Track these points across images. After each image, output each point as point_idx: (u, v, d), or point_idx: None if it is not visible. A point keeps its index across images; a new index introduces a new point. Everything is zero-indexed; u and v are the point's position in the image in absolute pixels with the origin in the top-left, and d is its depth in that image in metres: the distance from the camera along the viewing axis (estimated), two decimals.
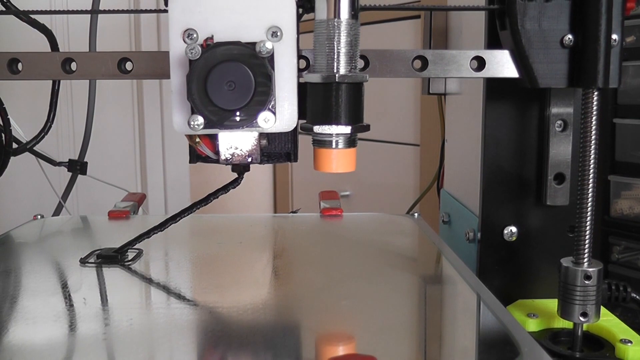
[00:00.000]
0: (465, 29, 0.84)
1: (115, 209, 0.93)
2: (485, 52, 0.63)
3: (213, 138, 0.58)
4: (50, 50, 0.73)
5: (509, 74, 0.63)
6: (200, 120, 0.53)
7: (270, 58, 0.54)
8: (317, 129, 0.54)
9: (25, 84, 1.61)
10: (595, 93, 0.59)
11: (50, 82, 0.76)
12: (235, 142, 0.58)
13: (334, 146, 0.55)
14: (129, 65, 0.64)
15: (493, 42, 0.67)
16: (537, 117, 0.71)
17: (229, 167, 0.62)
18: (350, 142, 0.55)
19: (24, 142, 0.80)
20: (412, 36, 1.69)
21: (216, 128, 0.54)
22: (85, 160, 0.99)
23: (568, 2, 0.60)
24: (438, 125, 1.06)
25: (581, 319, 0.61)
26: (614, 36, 0.58)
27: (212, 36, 0.54)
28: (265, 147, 0.60)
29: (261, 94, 0.52)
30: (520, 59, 0.62)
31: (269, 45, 0.53)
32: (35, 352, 0.49)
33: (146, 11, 0.65)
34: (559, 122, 0.70)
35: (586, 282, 0.60)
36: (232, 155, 0.58)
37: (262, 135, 0.59)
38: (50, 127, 0.79)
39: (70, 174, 1.00)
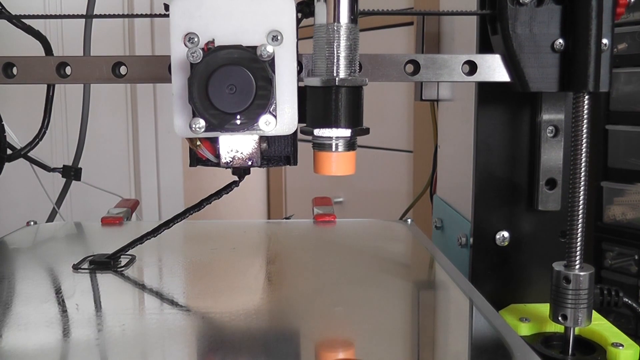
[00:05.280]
0: (457, 34, 0.85)
1: (108, 215, 0.93)
2: (477, 56, 0.64)
3: (214, 141, 0.59)
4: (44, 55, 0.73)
5: (501, 78, 0.64)
6: (201, 123, 0.53)
7: (271, 62, 0.54)
8: (317, 132, 0.55)
9: (19, 90, 1.61)
10: (586, 97, 0.59)
11: (44, 88, 0.77)
12: (236, 145, 0.58)
13: (333, 149, 0.55)
14: (123, 70, 0.64)
15: (485, 47, 0.68)
16: (528, 123, 0.71)
17: (224, 172, 0.63)
18: (350, 145, 0.56)
19: (18, 148, 0.80)
20: (405, 43, 1.70)
21: (217, 131, 0.54)
22: (79, 166, 1.00)
23: (559, 7, 0.61)
24: (431, 131, 1.06)
25: (560, 320, 0.61)
26: (604, 41, 0.59)
27: (213, 40, 0.54)
28: (265, 151, 0.60)
29: (262, 98, 0.53)
30: (511, 63, 0.62)
31: (269, 49, 0.53)
32: (28, 357, 0.49)
33: (140, 16, 0.65)
34: (550, 128, 0.70)
35: (566, 284, 0.60)
36: (233, 158, 0.58)
37: (262, 138, 0.59)
38: (44, 133, 0.79)
39: (64, 180, 1.00)
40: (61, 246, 0.83)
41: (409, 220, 0.91)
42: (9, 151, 0.80)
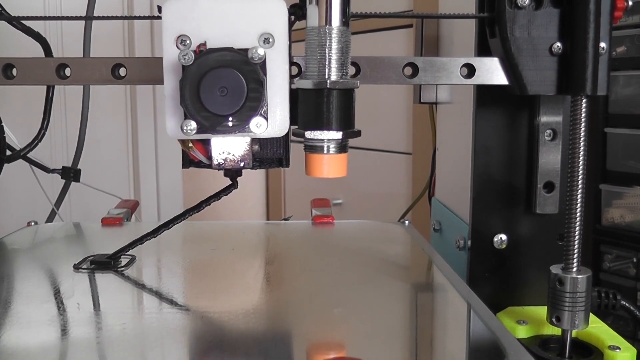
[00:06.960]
0: (456, 38, 0.85)
1: (108, 216, 0.93)
2: (475, 59, 0.64)
3: (206, 143, 0.59)
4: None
5: (499, 81, 0.64)
6: (193, 125, 0.53)
7: (263, 64, 0.54)
8: (309, 134, 0.55)
9: (18, 92, 1.61)
10: (584, 100, 0.59)
11: (44, 89, 0.77)
12: (228, 147, 0.58)
13: (325, 151, 0.55)
14: (122, 71, 0.64)
15: (483, 50, 0.68)
16: (526, 126, 0.72)
17: (222, 173, 0.63)
18: (342, 147, 0.56)
19: (18, 149, 0.81)
20: (404, 45, 1.70)
21: (209, 133, 0.54)
22: (78, 167, 1.00)
23: (557, 11, 0.61)
24: (430, 133, 1.06)
25: (557, 322, 0.61)
26: (602, 44, 0.59)
27: (205, 42, 0.54)
28: (257, 153, 0.60)
29: (253, 100, 0.53)
30: (509, 66, 0.63)
31: (261, 51, 0.54)
32: (29, 356, 0.49)
33: (140, 17, 0.65)
34: (549, 131, 0.70)
35: (563, 287, 0.61)
36: (225, 160, 0.58)
37: (254, 140, 0.59)
38: (44, 134, 0.79)
39: (63, 181, 1.01)
40: (62, 246, 0.83)
41: (407, 222, 0.92)
42: (8, 152, 0.80)
